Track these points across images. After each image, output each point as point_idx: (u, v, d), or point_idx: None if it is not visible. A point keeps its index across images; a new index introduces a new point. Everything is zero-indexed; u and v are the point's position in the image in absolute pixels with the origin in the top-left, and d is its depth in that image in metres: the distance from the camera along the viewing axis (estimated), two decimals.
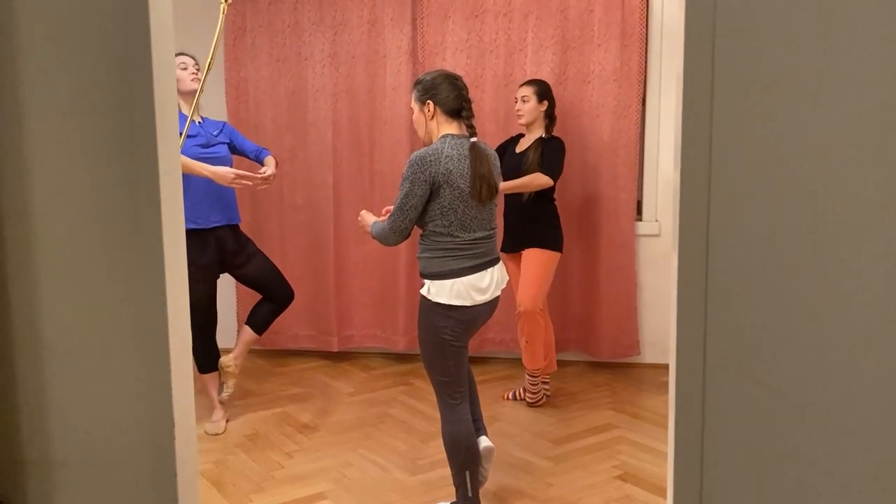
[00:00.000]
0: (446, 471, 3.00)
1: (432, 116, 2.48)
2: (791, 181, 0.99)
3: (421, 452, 3.20)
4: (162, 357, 1.23)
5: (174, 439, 1.25)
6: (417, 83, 2.53)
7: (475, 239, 2.43)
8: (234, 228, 3.47)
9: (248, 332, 3.53)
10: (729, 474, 1.08)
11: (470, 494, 2.51)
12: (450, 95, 2.45)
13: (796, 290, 1.01)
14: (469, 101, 2.49)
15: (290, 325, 4.47)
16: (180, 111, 3.31)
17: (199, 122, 3.38)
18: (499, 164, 2.60)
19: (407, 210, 2.39)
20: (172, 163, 1.23)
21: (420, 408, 3.72)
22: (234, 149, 3.50)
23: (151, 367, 1.23)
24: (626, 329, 4.16)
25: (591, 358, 4.28)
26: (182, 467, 1.27)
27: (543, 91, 3.65)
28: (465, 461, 2.50)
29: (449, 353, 2.45)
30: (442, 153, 2.36)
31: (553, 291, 4.15)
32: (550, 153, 3.56)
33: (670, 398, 1.13)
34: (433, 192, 2.38)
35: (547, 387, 3.81)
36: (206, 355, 3.50)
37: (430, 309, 2.43)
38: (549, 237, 3.63)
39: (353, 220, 4.34)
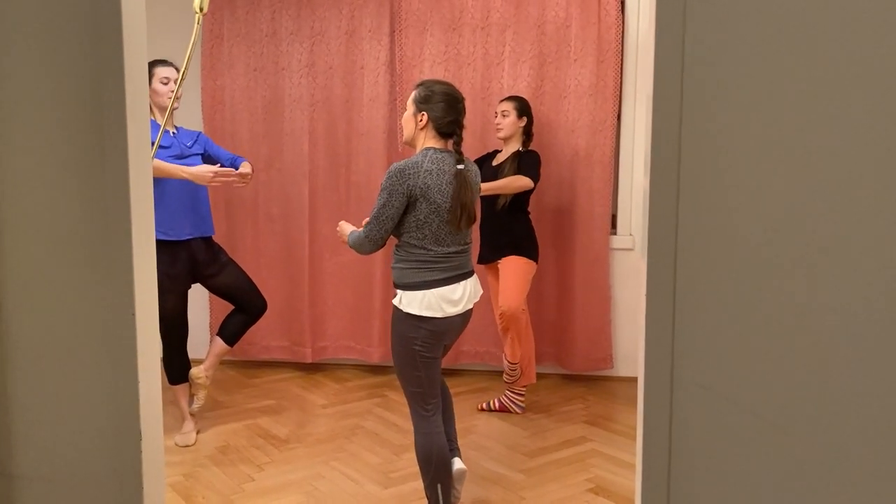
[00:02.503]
0: (419, 484, 2.99)
1: (422, 127, 2.48)
2: (758, 198, 1.01)
3: (394, 465, 3.18)
4: (130, 369, 1.21)
5: (141, 453, 1.23)
6: (421, 86, 2.52)
7: (448, 253, 2.44)
8: (207, 239, 3.44)
9: (219, 343, 3.49)
10: (696, 488, 1.09)
11: None
12: (446, 118, 2.45)
13: (763, 307, 1.02)
14: (462, 127, 2.49)
15: (263, 336, 4.43)
16: (154, 120, 3.27)
17: (174, 133, 3.34)
18: (479, 181, 2.61)
19: (383, 220, 2.41)
20: (143, 172, 1.22)
21: (393, 420, 3.71)
22: (208, 158, 3.47)
23: (119, 379, 1.21)
24: (600, 342, 4.18)
25: (565, 371, 4.29)
26: (149, 481, 1.25)
27: (523, 107, 3.70)
28: (438, 474, 2.49)
29: (420, 363, 2.45)
30: (421, 167, 2.37)
31: (528, 304, 4.16)
32: (528, 161, 3.60)
33: (638, 412, 1.13)
34: (409, 205, 2.39)
35: (522, 399, 3.81)
36: (177, 367, 3.46)
37: (402, 319, 2.44)
38: (526, 246, 3.66)
39: (328, 231, 4.33)
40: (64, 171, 1.17)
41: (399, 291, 2.46)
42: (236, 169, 3.47)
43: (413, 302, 2.40)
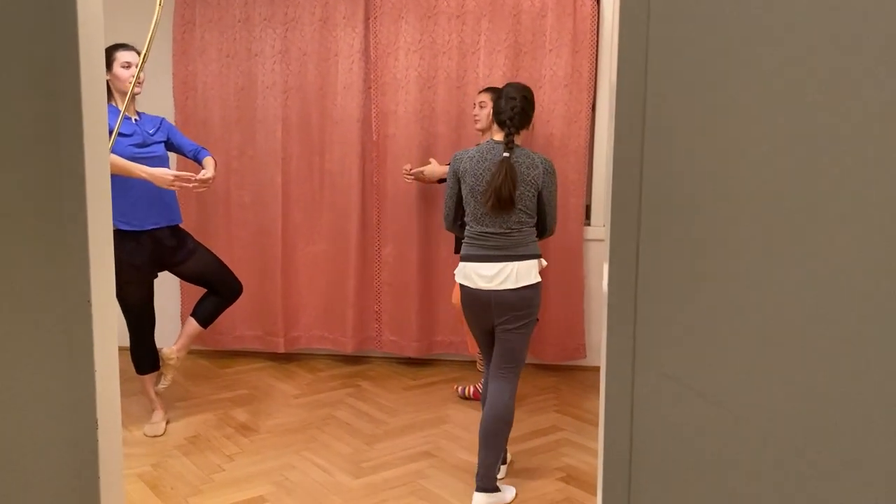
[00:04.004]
0: (390, 474, 2.99)
1: (490, 120, 2.84)
2: (720, 190, 1.01)
3: (365, 455, 3.17)
4: (86, 358, 1.19)
5: (97, 442, 1.21)
6: None
7: (485, 232, 2.70)
8: (174, 227, 3.37)
9: (192, 323, 3.43)
10: (656, 473, 1.09)
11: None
12: (498, 108, 2.74)
13: (727, 298, 1.02)
14: (513, 119, 2.69)
15: (235, 326, 4.39)
16: (115, 106, 3.19)
17: (136, 120, 3.27)
18: (536, 175, 2.69)
19: (447, 199, 2.84)
20: (100, 158, 1.19)
21: (366, 410, 3.70)
22: (171, 146, 3.39)
23: (74, 367, 1.19)
24: (573, 332, 4.20)
25: (538, 360, 4.31)
26: (106, 472, 1.23)
27: None
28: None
29: (468, 324, 2.83)
30: (466, 153, 2.77)
31: None
32: None
33: (601, 401, 1.13)
34: (459, 185, 2.78)
35: None
36: (145, 356, 3.41)
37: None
38: None
39: (301, 220, 4.29)
40: (17, 157, 1.14)
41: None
42: (199, 161, 3.40)
43: (459, 270, 2.79)
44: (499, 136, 2.74)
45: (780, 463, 1.01)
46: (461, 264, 2.76)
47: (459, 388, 3.85)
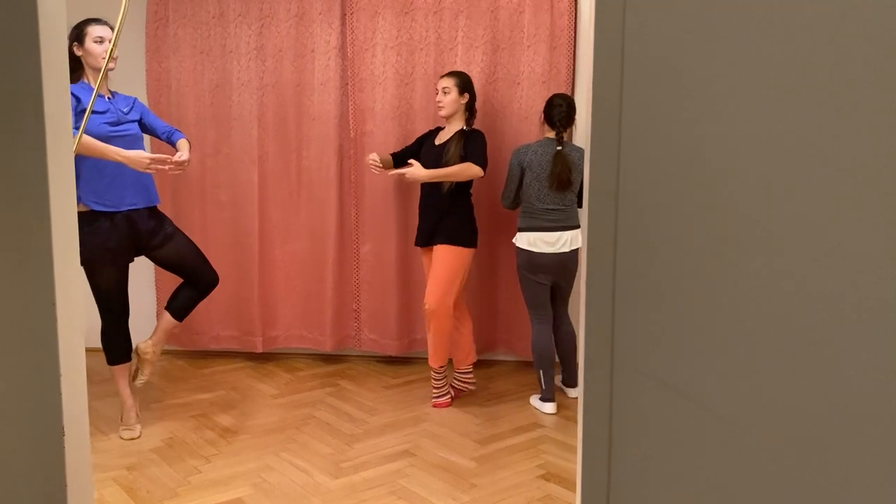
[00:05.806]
0: (369, 474, 2.97)
1: (542, 123, 3.64)
2: (698, 184, 1.00)
3: (345, 455, 3.14)
4: (50, 362, 1.15)
5: (64, 449, 1.17)
6: None
7: (547, 209, 3.51)
8: (152, 209, 3.28)
9: (167, 317, 3.34)
10: (635, 470, 1.08)
11: (543, 387, 3.61)
12: (549, 114, 3.56)
13: (702, 294, 1.01)
14: (561, 121, 3.52)
15: (212, 326, 4.34)
16: (88, 84, 3.13)
17: (109, 98, 3.20)
18: (582, 163, 3.43)
19: (510, 183, 3.59)
20: (63, 151, 1.16)
21: (346, 409, 3.67)
22: (143, 127, 3.31)
23: (39, 373, 1.15)
24: None
25: (518, 357, 4.30)
26: (74, 480, 1.20)
27: (465, 83, 3.62)
28: (539, 363, 3.61)
29: (525, 283, 3.63)
30: (529, 148, 3.54)
31: (479, 291, 4.15)
32: (474, 145, 3.53)
33: (580, 398, 1.12)
34: (522, 173, 3.53)
35: (470, 377, 3.79)
36: (116, 345, 3.28)
37: (516, 251, 3.62)
38: (460, 232, 3.58)
39: (279, 218, 4.25)
40: None
41: (517, 232, 3.60)
42: (172, 143, 3.34)
43: (520, 239, 3.56)
44: (550, 133, 3.55)
45: (759, 460, 1.00)
46: (524, 234, 3.54)
47: (434, 401, 3.81)
